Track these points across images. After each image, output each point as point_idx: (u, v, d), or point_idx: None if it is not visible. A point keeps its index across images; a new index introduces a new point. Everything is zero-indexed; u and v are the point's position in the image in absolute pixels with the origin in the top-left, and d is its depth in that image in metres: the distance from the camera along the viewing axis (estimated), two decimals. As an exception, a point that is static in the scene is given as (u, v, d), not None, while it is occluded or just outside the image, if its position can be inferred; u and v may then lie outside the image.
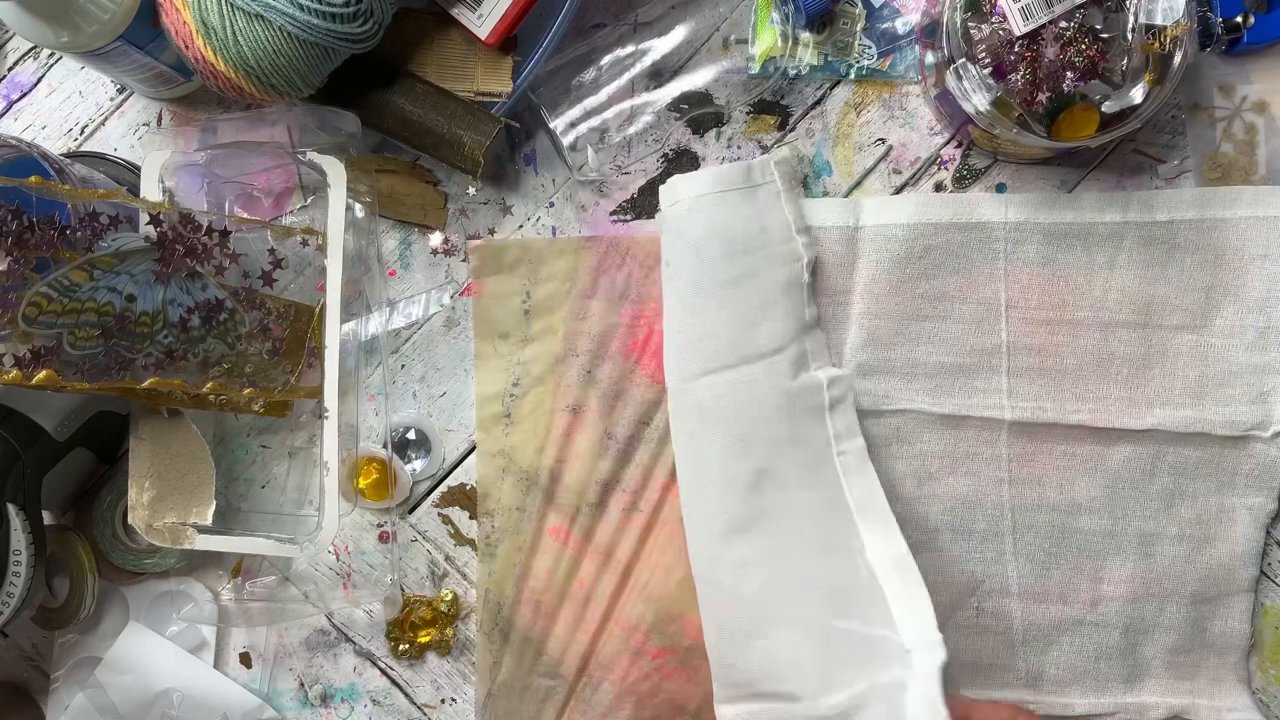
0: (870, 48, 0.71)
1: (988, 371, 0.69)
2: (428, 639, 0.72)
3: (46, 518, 0.69)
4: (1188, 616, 0.68)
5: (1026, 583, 0.69)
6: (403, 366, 0.73)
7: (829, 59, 0.71)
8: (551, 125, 0.69)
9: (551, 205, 0.72)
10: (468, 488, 0.72)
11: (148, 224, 0.64)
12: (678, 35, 0.70)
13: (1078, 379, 0.69)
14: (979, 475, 0.69)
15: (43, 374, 0.60)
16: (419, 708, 0.72)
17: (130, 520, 0.67)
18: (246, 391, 0.67)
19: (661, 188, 0.69)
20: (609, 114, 0.69)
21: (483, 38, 0.66)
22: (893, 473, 0.69)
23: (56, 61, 0.74)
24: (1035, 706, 0.68)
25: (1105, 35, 0.61)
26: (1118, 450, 0.68)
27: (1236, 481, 0.68)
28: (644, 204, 0.72)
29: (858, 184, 0.71)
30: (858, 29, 0.70)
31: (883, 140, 0.71)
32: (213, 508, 0.68)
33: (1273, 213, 0.68)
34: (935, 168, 0.71)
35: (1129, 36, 0.61)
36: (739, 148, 0.71)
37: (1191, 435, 0.68)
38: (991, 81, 0.62)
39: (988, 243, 0.69)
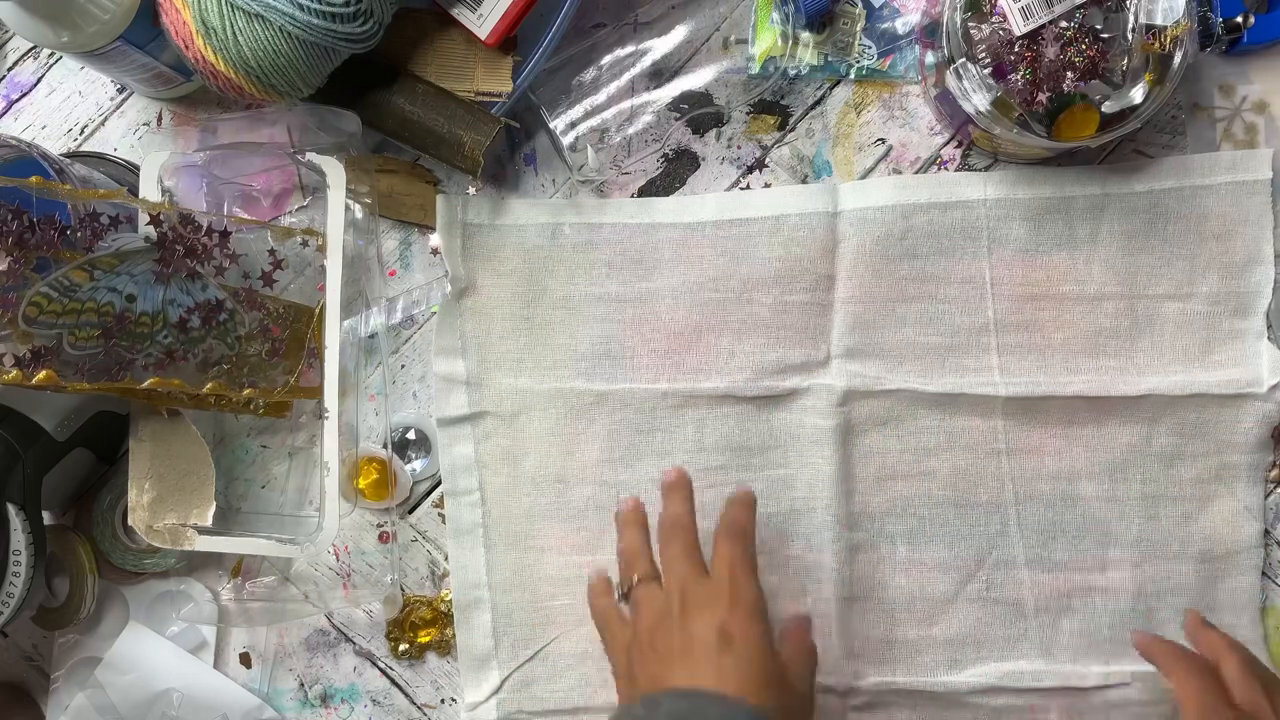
0: (870, 48, 0.71)
1: (978, 350, 0.69)
2: (428, 639, 0.72)
3: (46, 518, 0.69)
4: (1197, 576, 0.69)
5: (1033, 552, 0.69)
6: (403, 366, 0.73)
7: (829, 59, 0.71)
8: (551, 125, 0.69)
9: (551, 205, 0.72)
10: (468, 488, 0.72)
11: (148, 224, 0.64)
12: (678, 35, 0.70)
13: (1067, 352, 0.69)
14: (976, 448, 0.69)
15: (43, 374, 0.60)
16: (419, 708, 0.72)
17: (130, 521, 0.67)
18: (246, 392, 0.67)
19: None
20: (609, 114, 0.69)
21: (483, 38, 0.66)
22: (889, 451, 0.69)
23: (56, 61, 0.74)
24: (1050, 677, 0.69)
25: (1105, 35, 0.61)
26: (1114, 416, 0.69)
27: (1236, 438, 0.69)
28: (644, 204, 0.72)
29: (858, 184, 0.71)
30: (858, 29, 0.70)
31: (883, 140, 0.71)
32: (213, 509, 0.68)
33: (1252, 176, 0.68)
34: (935, 168, 0.71)
35: (1129, 36, 0.61)
36: (739, 148, 0.71)
37: (1188, 397, 0.68)
38: (991, 81, 0.62)
39: (969, 221, 0.69)
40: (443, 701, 0.72)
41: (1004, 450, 0.69)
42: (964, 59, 0.62)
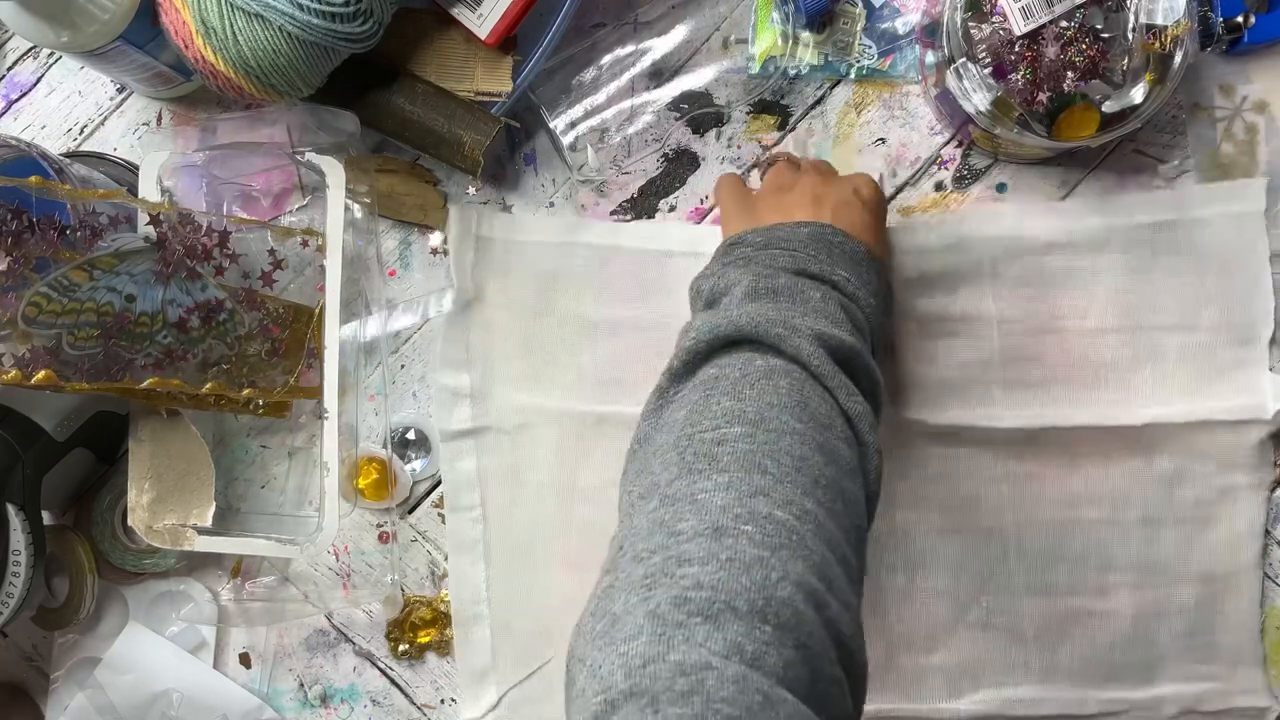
0: (870, 47, 0.71)
1: (982, 384, 0.69)
2: (428, 639, 0.72)
3: (46, 518, 0.69)
4: (1196, 598, 0.69)
5: (1034, 578, 0.69)
6: (402, 367, 0.73)
7: (829, 59, 0.71)
8: (551, 125, 0.69)
9: (551, 205, 0.72)
10: (468, 488, 0.72)
11: (147, 224, 0.64)
12: (678, 35, 0.70)
13: (1069, 385, 0.69)
14: (976, 476, 0.69)
15: (43, 374, 0.60)
16: (419, 708, 0.72)
17: (130, 522, 0.67)
18: (246, 392, 0.67)
19: None
20: (609, 114, 0.69)
21: (483, 37, 0.66)
22: (890, 480, 0.69)
23: (56, 61, 0.74)
24: (1048, 704, 0.69)
25: (1106, 35, 0.61)
26: (1117, 444, 0.69)
27: (1238, 459, 0.68)
28: (644, 204, 0.72)
29: (858, 184, 0.71)
30: (858, 29, 0.70)
31: (883, 140, 0.71)
32: (212, 509, 0.68)
33: (1249, 207, 0.68)
34: (935, 168, 0.71)
35: (1129, 36, 0.61)
36: (739, 148, 0.71)
37: (1192, 425, 0.68)
38: (992, 81, 0.62)
39: (974, 259, 0.69)
40: (442, 702, 0.72)
41: (1004, 477, 0.69)
42: (964, 59, 0.62)
